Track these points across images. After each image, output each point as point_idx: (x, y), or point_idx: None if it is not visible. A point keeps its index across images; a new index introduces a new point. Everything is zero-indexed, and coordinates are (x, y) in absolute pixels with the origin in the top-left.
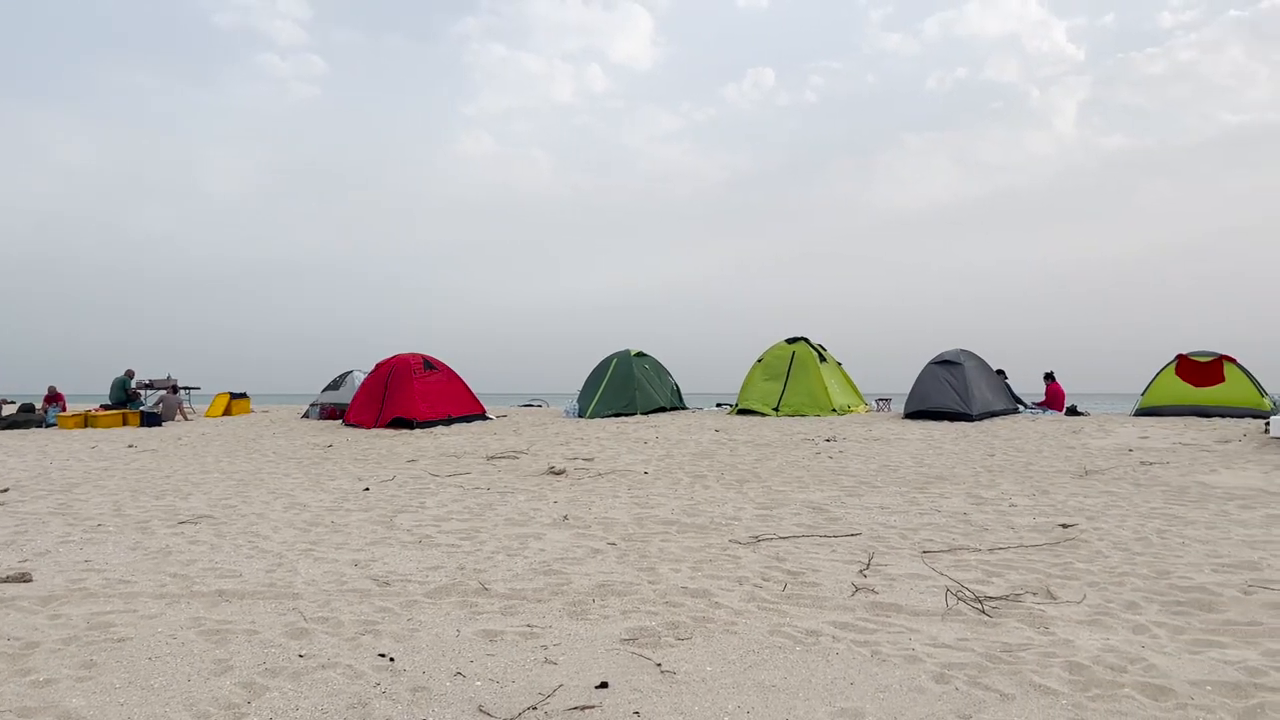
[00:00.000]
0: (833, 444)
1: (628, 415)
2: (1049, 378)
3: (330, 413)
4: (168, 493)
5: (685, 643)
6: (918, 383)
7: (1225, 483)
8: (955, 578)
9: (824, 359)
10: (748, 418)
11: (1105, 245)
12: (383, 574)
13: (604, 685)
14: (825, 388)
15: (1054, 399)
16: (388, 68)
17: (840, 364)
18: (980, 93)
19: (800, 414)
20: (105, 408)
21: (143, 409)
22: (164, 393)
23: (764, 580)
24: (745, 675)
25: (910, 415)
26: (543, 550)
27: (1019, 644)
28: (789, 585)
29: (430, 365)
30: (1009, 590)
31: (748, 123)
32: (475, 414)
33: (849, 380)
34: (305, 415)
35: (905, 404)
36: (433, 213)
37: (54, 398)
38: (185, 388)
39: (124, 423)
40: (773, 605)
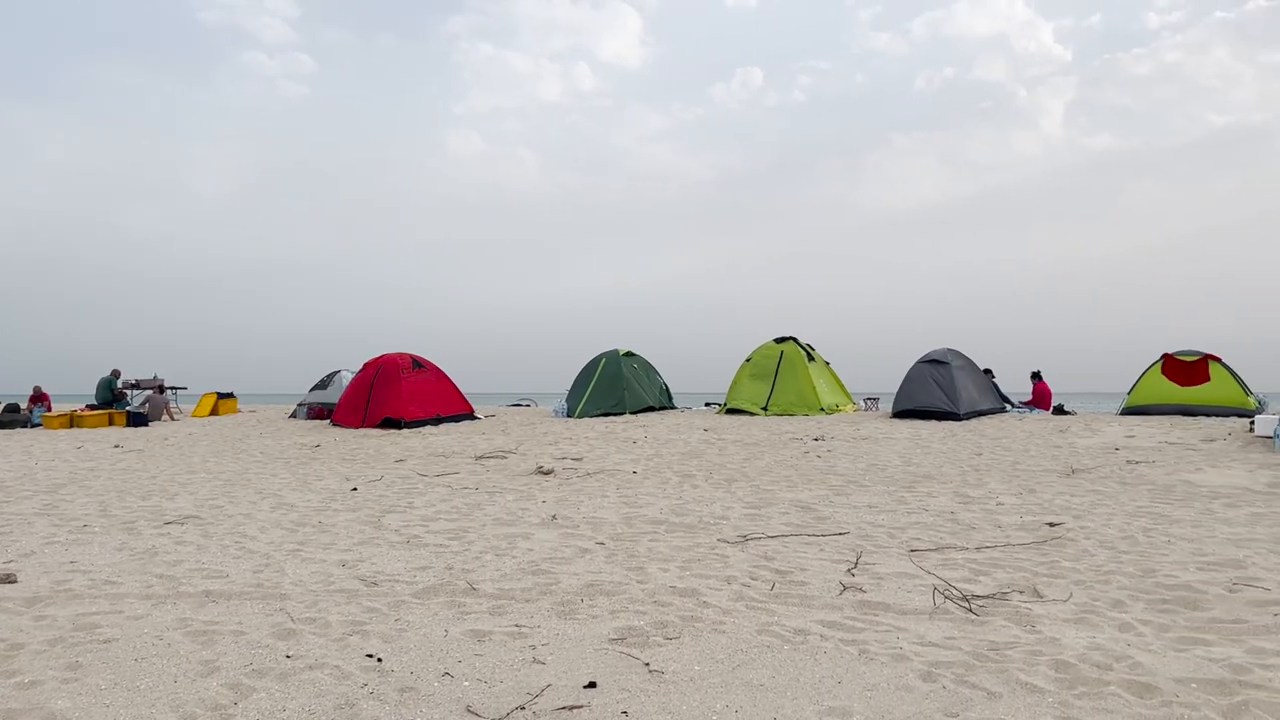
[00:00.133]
0: (821, 443)
1: (616, 415)
2: (1036, 377)
3: (318, 412)
4: (154, 493)
5: (673, 642)
6: (905, 382)
7: (1210, 481)
8: (943, 576)
9: (812, 358)
10: (736, 417)
11: (1092, 245)
12: (370, 574)
13: (592, 685)
14: (813, 387)
15: (1041, 398)
16: (376, 67)
17: (828, 363)
18: (968, 93)
19: (789, 413)
20: (91, 408)
21: (129, 409)
22: (150, 393)
23: (752, 579)
24: (733, 674)
25: (898, 414)
26: (531, 550)
27: (1006, 642)
28: (777, 584)
29: (418, 365)
30: (996, 589)
31: (736, 122)
32: (463, 414)
33: (837, 379)
34: (293, 415)
35: (893, 403)
36: (421, 212)
37: (39, 397)
38: (172, 387)
39: (110, 423)
40: (761, 604)
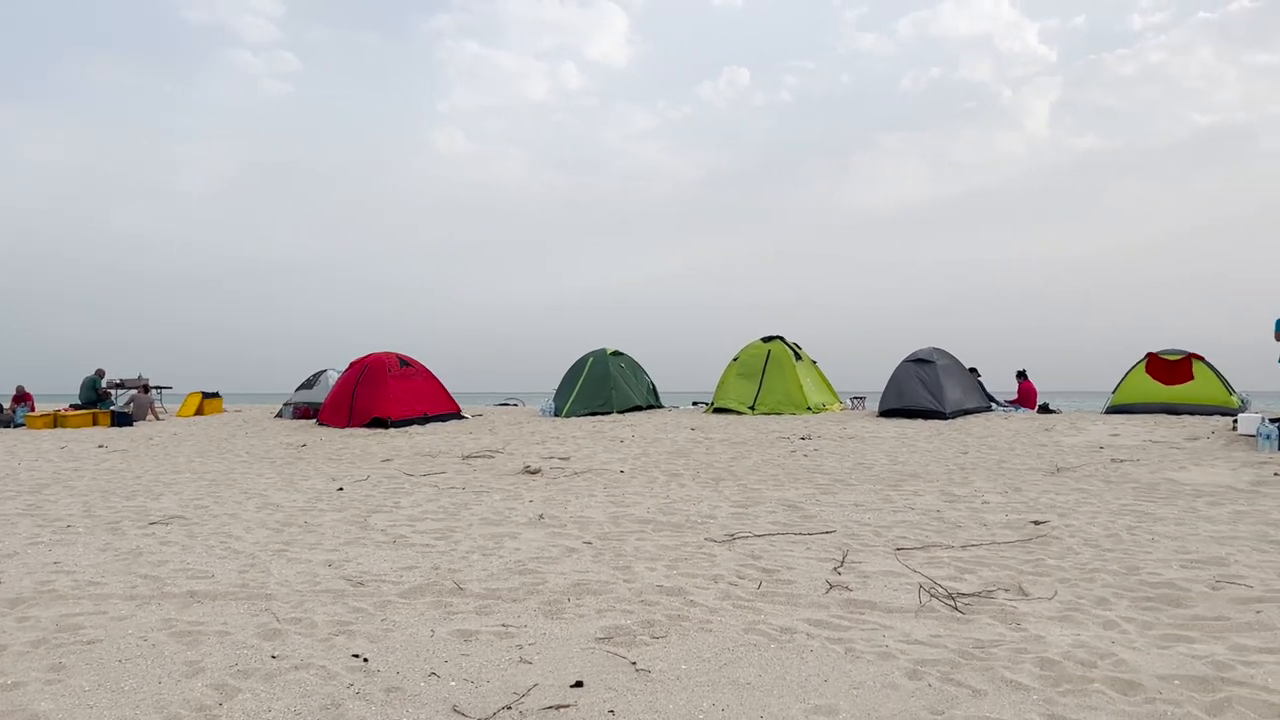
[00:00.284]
0: (808, 442)
1: (604, 414)
2: (1021, 376)
3: (304, 412)
4: (139, 493)
5: (660, 641)
6: (892, 381)
7: (1194, 479)
8: (928, 575)
9: (799, 357)
10: (724, 416)
11: (1077, 245)
12: (357, 574)
13: (579, 684)
14: (800, 386)
15: (1026, 397)
16: (361, 65)
17: (815, 362)
18: (953, 93)
19: (776, 412)
20: (75, 407)
21: (113, 409)
22: (135, 392)
23: (739, 578)
24: (720, 673)
25: (884, 413)
26: (518, 550)
27: (991, 640)
28: (764, 583)
29: (405, 364)
30: (981, 587)
31: (723, 122)
32: (450, 413)
33: (824, 378)
34: (279, 415)
35: (879, 402)
36: (407, 210)
37: (22, 397)
38: (157, 387)
39: (94, 423)
40: (748, 603)
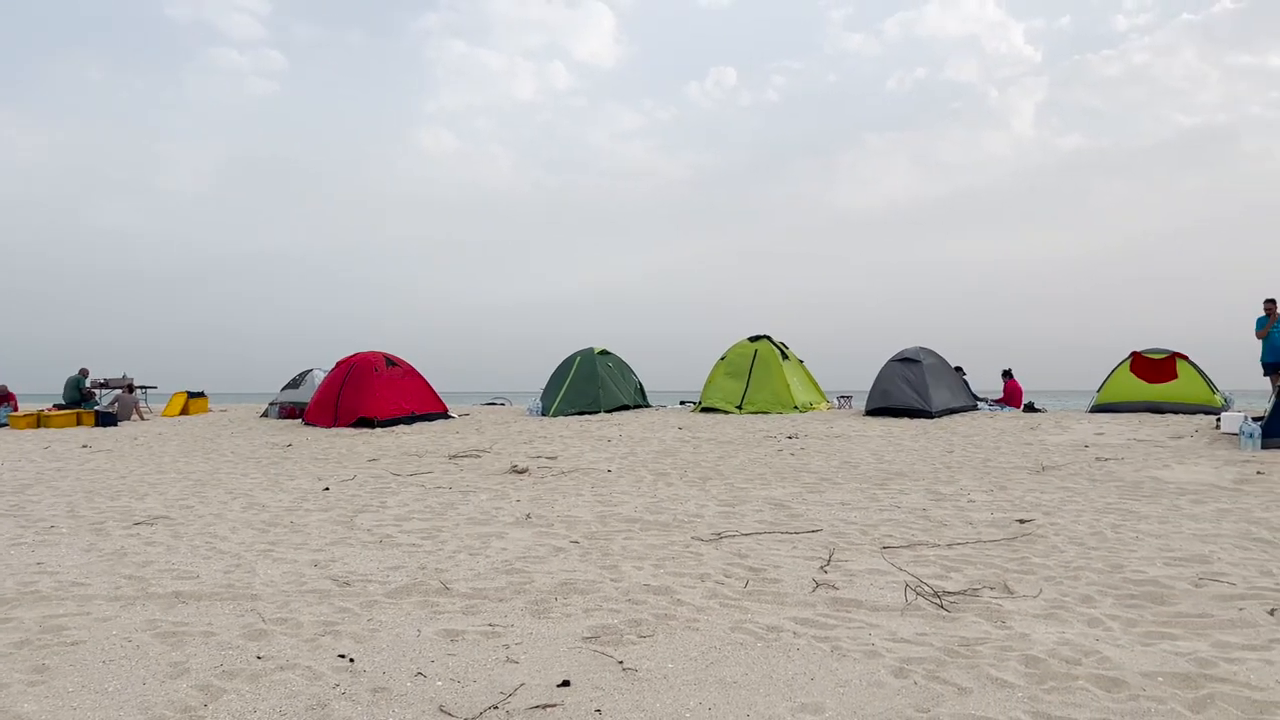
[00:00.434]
0: (794, 441)
1: (591, 413)
2: (1007, 375)
3: (290, 411)
4: (123, 493)
5: (647, 640)
6: (878, 380)
7: (1178, 478)
8: (914, 573)
9: (786, 357)
10: (711, 415)
11: (1062, 245)
12: (343, 574)
13: (566, 684)
14: (787, 385)
15: (1012, 396)
16: (347, 63)
17: (802, 361)
18: (940, 93)
19: (763, 411)
20: (59, 407)
21: (97, 409)
22: (119, 392)
23: (726, 577)
24: (707, 672)
25: (871, 412)
26: (505, 549)
27: (976, 638)
28: (750, 582)
29: (391, 363)
30: (967, 585)
31: (711, 122)
32: (437, 412)
33: (811, 378)
34: (264, 414)
35: (866, 401)
36: (394, 209)
37: (5, 397)
38: (141, 387)
39: (78, 423)
40: (734, 602)
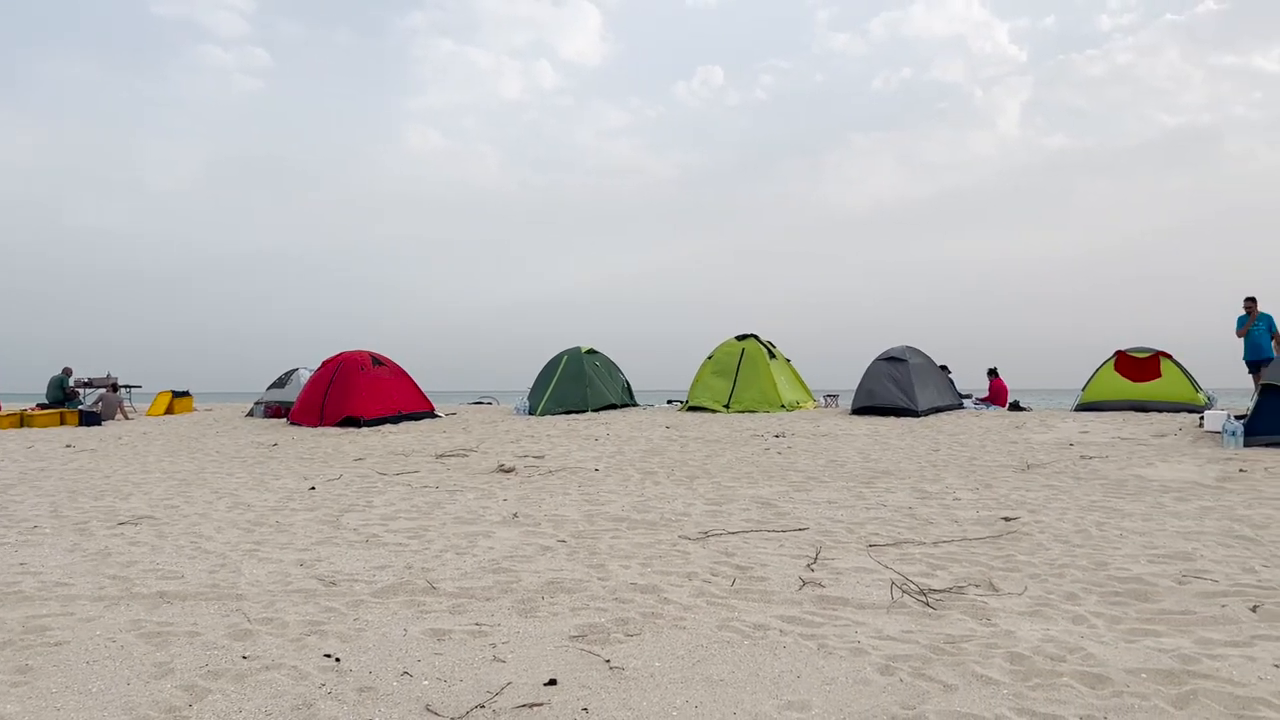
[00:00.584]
0: (781, 440)
1: (578, 412)
2: (992, 374)
3: (275, 411)
4: (107, 493)
5: (634, 639)
6: (864, 379)
7: (1161, 476)
8: (900, 571)
9: (773, 355)
10: (698, 414)
11: (1047, 244)
12: (329, 574)
13: (553, 682)
14: (774, 384)
15: (997, 394)
16: (333, 61)
17: (789, 360)
18: (925, 93)
19: (750, 410)
20: (42, 406)
21: (81, 408)
22: (103, 391)
23: (713, 575)
24: (693, 670)
25: (857, 411)
26: (492, 548)
27: (962, 635)
28: (737, 580)
29: (378, 362)
30: (953, 583)
31: (698, 121)
32: (424, 411)
33: (797, 377)
34: (250, 414)
35: (852, 400)
36: (380, 208)
37: None
38: (126, 386)
39: (62, 422)
40: (721, 600)
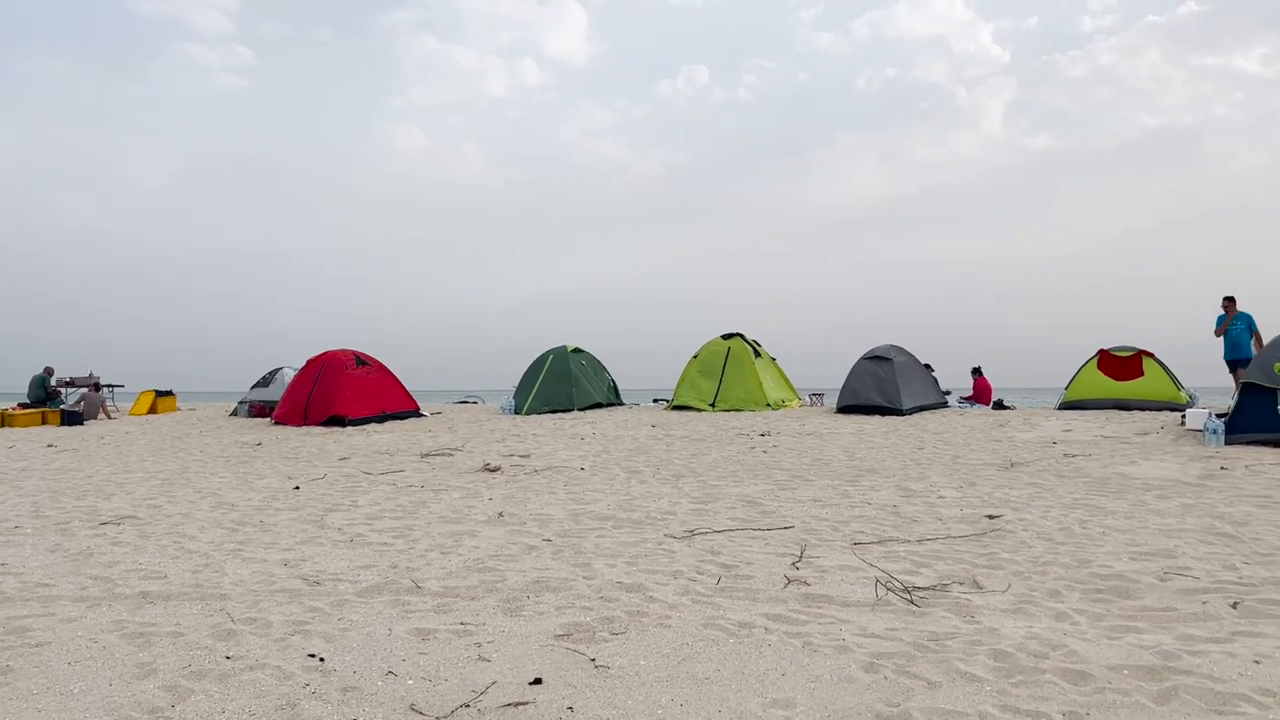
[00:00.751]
0: (767, 439)
1: (564, 411)
2: (976, 372)
3: (259, 410)
4: (89, 493)
5: (620, 637)
6: (849, 378)
7: (1144, 474)
8: (885, 569)
9: (759, 354)
10: (684, 413)
11: (1031, 244)
12: (313, 573)
13: (538, 681)
14: (760, 383)
15: (981, 393)
16: (317, 60)
17: (774, 359)
18: (909, 92)
19: (736, 409)
20: (23, 406)
21: (63, 407)
22: (86, 390)
23: (698, 574)
24: (679, 668)
25: (842, 410)
26: (477, 548)
27: (946, 633)
28: (723, 579)
29: (362, 361)
30: (937, 580)
31: (683, 119)
32: (409, 411)
33: (783, 375)
34: (233, 413)
35: (837, 399)
36: (364, 207)
37: None
38: (108, 385)
39: (43, 421)
40: (707, 599)
